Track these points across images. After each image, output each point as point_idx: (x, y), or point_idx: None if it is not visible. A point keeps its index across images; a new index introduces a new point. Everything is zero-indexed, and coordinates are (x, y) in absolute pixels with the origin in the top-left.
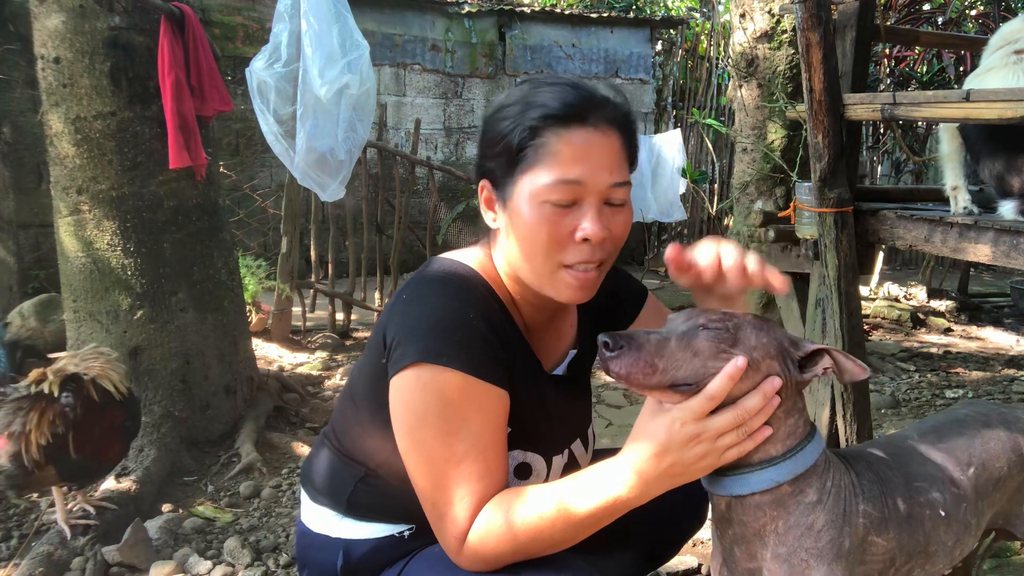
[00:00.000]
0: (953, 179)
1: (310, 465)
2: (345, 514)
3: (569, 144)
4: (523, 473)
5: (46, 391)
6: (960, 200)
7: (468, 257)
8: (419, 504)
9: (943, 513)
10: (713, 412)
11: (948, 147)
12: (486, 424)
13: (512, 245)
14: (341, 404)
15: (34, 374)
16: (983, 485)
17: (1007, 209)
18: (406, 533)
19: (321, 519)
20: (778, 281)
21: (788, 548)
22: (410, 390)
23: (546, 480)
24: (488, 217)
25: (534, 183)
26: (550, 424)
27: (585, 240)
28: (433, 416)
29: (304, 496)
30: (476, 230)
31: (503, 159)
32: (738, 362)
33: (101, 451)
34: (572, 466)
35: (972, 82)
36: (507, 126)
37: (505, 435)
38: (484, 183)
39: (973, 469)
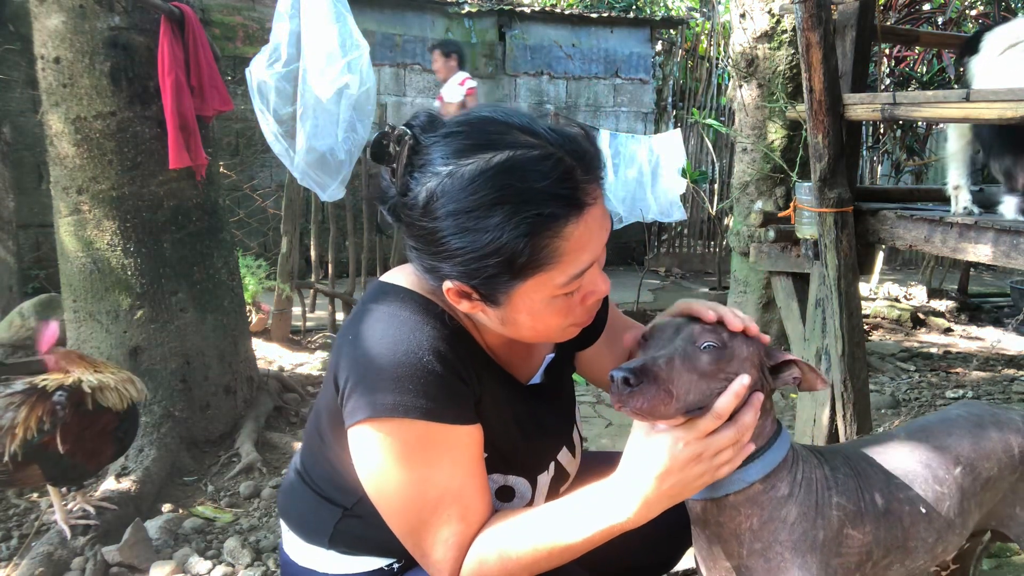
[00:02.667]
0: (956, 178)
1: (287, 500)
2: (329, 548)
3: (573, 239)
4: (505, 496)
5: (39, 386)
6: (961, 200)
7: (419, 279)
8: None
9: (923, 510)
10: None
11: (954, 145)
12: (457, 465)
13: (511, 329)
14: (309, 437)
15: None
16: (970, 485)
17: (1009, 206)
18: (395, 566)
19: (305, 553)
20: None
21: (764, 543)
22: (369, 445)
23: (531, 500)
24: (462, 305)
25: (543, 285)
26: (530, 442)
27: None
28: (397, 469)
29: (284, 528)
30: None
31: (491, 272)
32: (744, 380)
33: (88, 454)
34: (560, 478)
35: (983, 76)
36: (487, 240)
37: (482, 467)
38: (455, 286)
39: (960, 469)
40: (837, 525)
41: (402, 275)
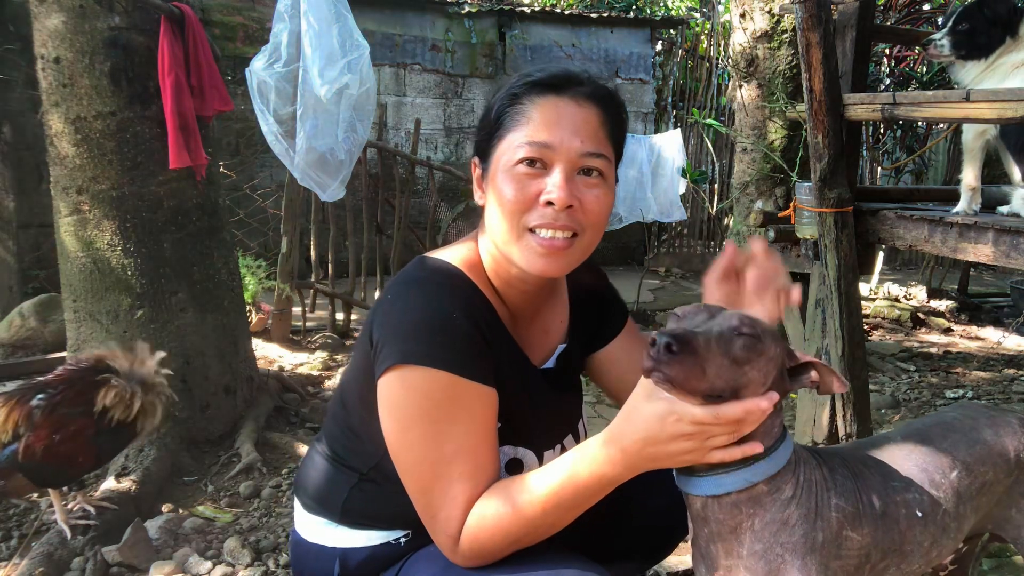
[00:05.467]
0: (974, 179)
1: (303, 474)
2: (340, 522)
3: (542, 109)
4: (515, 469)
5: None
6: (973, 202)
7: (453, 254)
8: (414, 508)
9: (919, 513)
10: None
11: (972, 138)
12: (474, 423)
13: (489, 213)
14: (332, 409)
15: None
16: (966, 489)
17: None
18: (402, 540)
19: (316, 528)
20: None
21: (764, 544)
22: (396, 392)
23: None
24: (477, 195)
25: (507, 147)
26: (540, 419)
27: (549, 203)
28: (420, 418)
29: (298, 505)
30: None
31: (487, 130)
32: (762, 405)
33: (63, 459)
34: None
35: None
36: (493, 100)
37: (495, 432)
38: (475, 160)
39: (956, 472)
40: (836, 527)
41: (441, 251)
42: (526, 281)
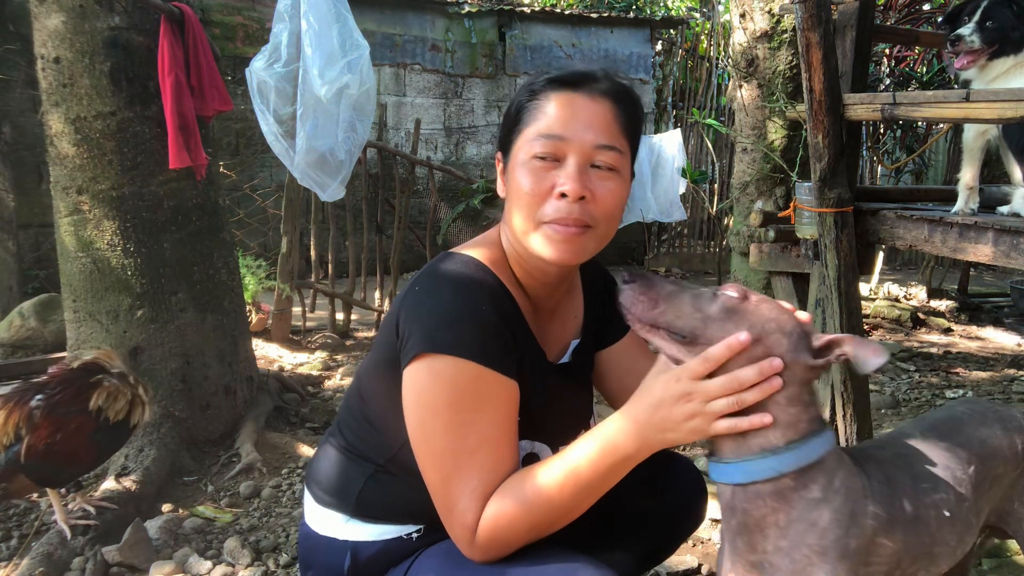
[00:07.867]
0: (972, 178)
1: (315, 466)
2: (352, 515)
3: (557, 104)
4: (531, 464)
5: (22, 389)
6: (971, 201)
7: (478, 249)
8: (429, 502)
9: (948, 513)
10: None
11: (972, 138)
12: (498, 415)
13: (508, 206)
14: (348, 402)
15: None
16: (981, 483)
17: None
18: (414, 535)
19: (327, 521)
20: None
21: (790, 542)
22: (422, 380)
23: None
24: (500, 188)
25: (524, 141)
26: (555, 414)
27: (563, 195)
28: (445, 407)
29: (308, 498)
30: (476, 230)
31: (508, 125)
32: (740, 336)
33: (64, 457)
34: None
35: None
36: (511, 102)
37: (516, 425)
38: (498, 155)
39: (973, 467)
40: (870, 534)
41: (465, 246)
42: (547, 272)
